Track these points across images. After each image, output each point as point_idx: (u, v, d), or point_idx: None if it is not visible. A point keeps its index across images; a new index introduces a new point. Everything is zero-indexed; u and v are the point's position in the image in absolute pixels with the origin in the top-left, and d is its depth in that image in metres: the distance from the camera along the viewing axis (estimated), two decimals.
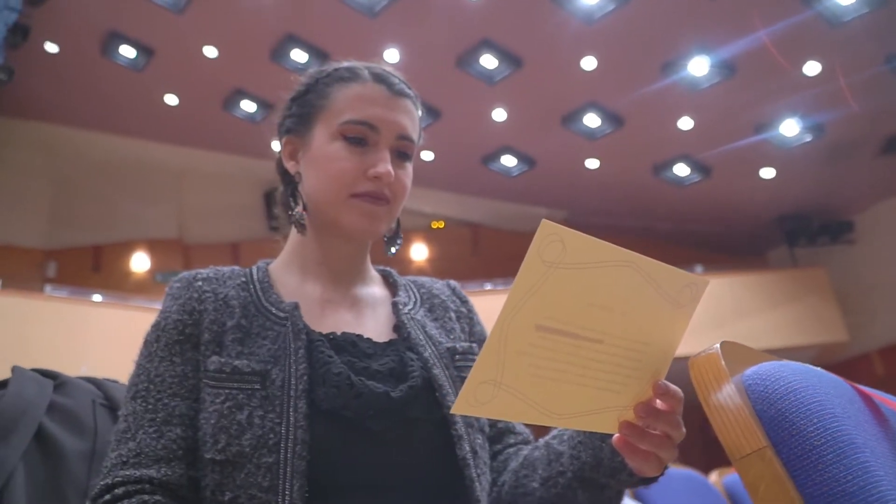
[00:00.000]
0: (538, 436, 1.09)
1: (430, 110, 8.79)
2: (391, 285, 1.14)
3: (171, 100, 9.50)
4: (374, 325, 1.04)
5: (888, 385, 2.73)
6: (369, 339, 1.00)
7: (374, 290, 1.11)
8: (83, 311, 8.31)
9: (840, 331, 10.22)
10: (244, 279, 1.03)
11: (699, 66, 8.25)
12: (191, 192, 11.09)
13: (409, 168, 1.05)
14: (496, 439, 1.06)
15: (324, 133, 1.02)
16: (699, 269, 9.54)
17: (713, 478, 2.67)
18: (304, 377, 0.90)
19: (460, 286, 1.19)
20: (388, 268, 1.18)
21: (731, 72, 8.26)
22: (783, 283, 10.44)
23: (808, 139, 9.30)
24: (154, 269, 10.72)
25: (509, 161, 10.62)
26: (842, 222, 10.98)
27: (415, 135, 1.05)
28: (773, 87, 8.35)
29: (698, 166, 10.22)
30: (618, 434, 0.77)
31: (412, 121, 1.04)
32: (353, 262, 1.08)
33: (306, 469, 0.84)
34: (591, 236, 0.64)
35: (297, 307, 0.97)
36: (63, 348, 7.51)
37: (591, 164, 10.44)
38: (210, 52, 8.55)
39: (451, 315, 1.11)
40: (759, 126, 9.16)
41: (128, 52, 8.57)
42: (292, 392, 0.88)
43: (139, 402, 0.92)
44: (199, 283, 1.00)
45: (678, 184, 10.60)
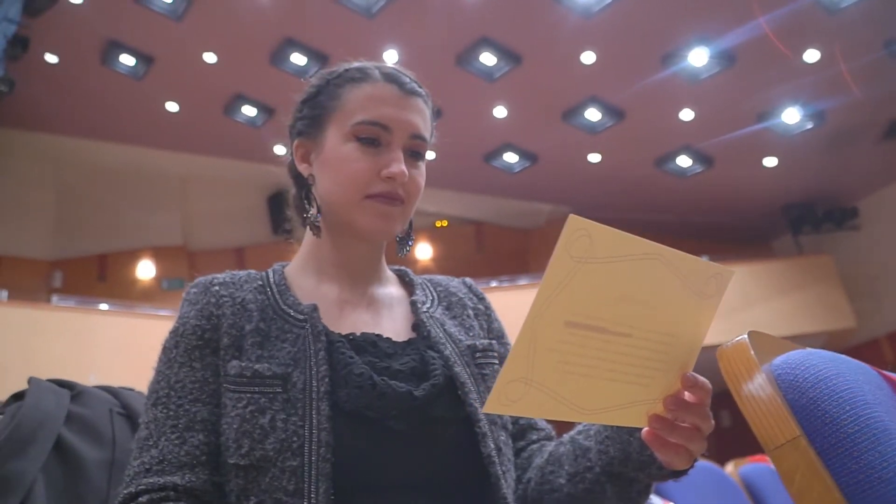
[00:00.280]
0: (560, 432, 1.08)
1: None
2: (407, 284, 1.14)
3: (171, 107, 9.52)
4: (393, 325, 1.04)
5: None
6: (389, 339, 0.99)
7: (391, 289, 1.10)
8: (90, 320, 8.34)
9: (848, 317, 10.20)
10: (261, 282, 1.03)
11: (699, 57, 8.23)
12: (194, 198, 11.11)
13: (423, 167, 1.04)
14: (518, 436, 1.06)
15: (336, 134, 1.01)
16: (704, 259, 9.53)
17: (729, 469, 2.66)
18: (326, 379, 0.89)
19: None
20: (404, 267, 1.18)
21: (730, 62, 8.24)
22: (789, 271, 10.42)
23: (809, 126, 9.28)
24: (160, 277, 10.74)
25: (511, 158, 10.61)
26: (846, 209, 10.95)
27: (427, 133, 1.04)
28: (773, 75, 8.33)
29: (700, 157, 10.20)
30: (647, 428, 0.76)
31: (424, 119, 1.04)
32: (369, 262, 1.08)
33: (331, 471, 0.84)
34: (617, 230, 0.64)
35: (315, 309, 0.97)
36: (71, 358, 7.53)
37: (593, 158, 10.43)
38: (209, 58, 8.56)
39: (469, 312, 1.11)
40: (760, 115, 9.14)
41: (127, 60, 8.59)
42: (314, 394, 0.88)
43: (160, 408, 0.91)
44: (216, 287, 0.99)
45: (681, 175, 10.58)
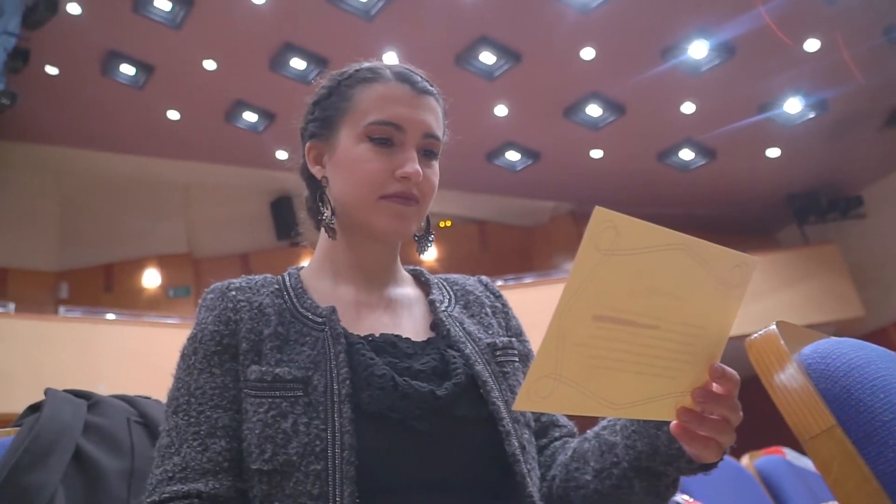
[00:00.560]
0: (582, 428, 1.08)
1: None
2: (423, 284, 1.13)
3: (173, 115, 9.52)
4: (411, 325, 1.04)
5: None
6: (408, 339, 0.99)
7: (407, 289, 1.10)
8: (97, 330, 8.34)
9: (856, 306, 10.17)
10: (277, 286, 1.02)
11: (698, 50, 8.21)
12: (198, 205, 11.12)
13: (436, 166, 1.04)
14: (541, 433, 1.05)
15: (349, 135, 1.00)
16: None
17: (745, 461, 2.65)
18: (347, 381, 0.89)
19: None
20: (419, 267, 1.17)
21: (730, 53, 8.22)
22: (795, 261, 10.39)
23: (811, 116, 9.25)
24: (165, 285, 10.75)
25: (513, 156, 10.60)
26: (850, 197, 10.91)
27: (440, 132, 1.04)
28: (773, 66, 8.31)
29: (703, 150, 10.18)
30: (675, 421, 0.75)
31: (437, 118, 1.03)
32: (385, 263, 1.08)
33: (355, 474, 0.83)
34: (643, 220, 0.63)
35: (334, 311, 0.97)
36: (80, 368, 7.53)
37: (596, 154, 10.42)
38: (209, 65, 8.56)
39: (487, 311, 1.10)
40: (761, 106, 9.12)
41: (128, 70, 8.60)
42: (336, 397, 0.87)
43: (181, 415, 0.91)
44: (233, 292, 0.99)
45: (683, 169, 10.56)
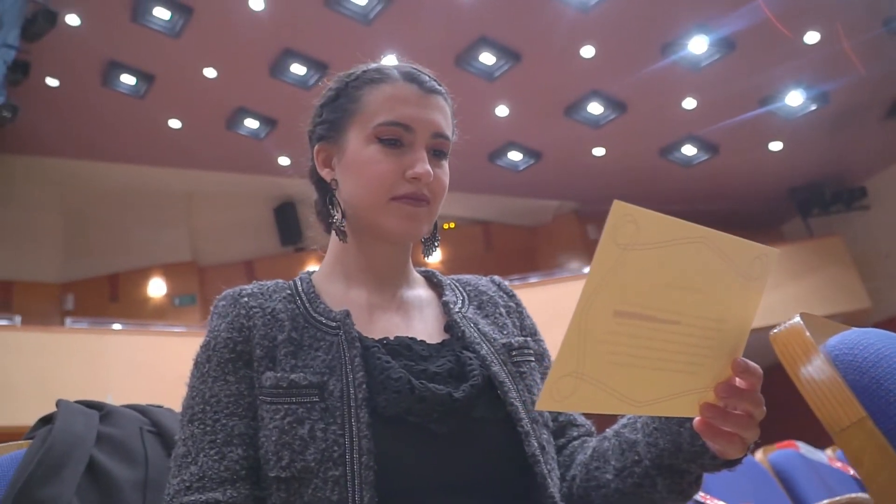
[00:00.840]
0: (599, 426, 1.06)
1: None
2: (435, 286, 1.12)
3: (174, 123, 9.54)
4: (425, 327, 1.03)
5: None
6: (423, 342, 0.98)
7: (420, 291, 1.09)
8: (104, 340, 8.35)
9: (862, 298, 10.14)
10: (289, 291, 1.01)
11: (698, 45, 8.20)
12: (201, 213, 11.13)
13: (446, 166, 1.03)
14: (559, 433, 1.04)
15: (358, 137, 1.00)
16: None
17: (759, 455, 2.64)
18: (363, 385, 0.88)
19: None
20: (431, 269, 1.16)
21: (730, 48, 8.21)
22: (800, 254, 10.36)
23: (813, 108, 9.24)
24: (171, 294, 10.77)
25: (515, 156, 10.60)
26: (854, 189, 10.90)
27: (449, 131, 1.03)
28: (774, 59, 8.30)
29: (705, 145, 10.16)
30: (698, 417, 0.74)
31: (445, 117, 1.02)
32: (397, 265, 1.07)
33: (374, 479, 0.83)
34: (661, 214, 0.62)
35: (348, 315, 0.96)
36: (87, 379, 7.54)
37: (598, 152, 10.41)
38: (209, 72, 8.57)
39: (501, 311, 1.09)
40: (763, 100, 9.10)
41: (128, 79, 8.62)
42: (352, 401, 0.87)
43: (196, 424, 0.90)
44: (245, 298, 0.98)
45: (686, 164, 10.54)
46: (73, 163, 10.19)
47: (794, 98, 9.06)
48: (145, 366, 7.74)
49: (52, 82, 8.52)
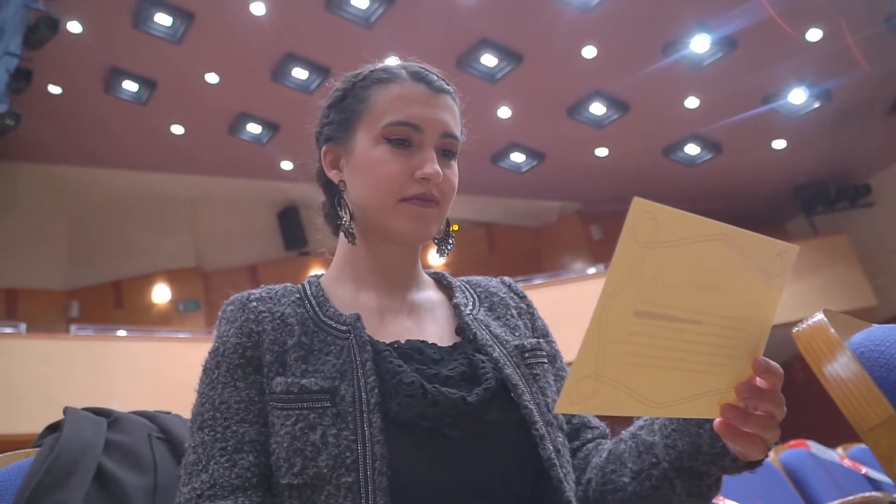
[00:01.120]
0: (613, 428, 1.05)
1: None
2: (445, 288, 1.11)
3: (177, 129, 9.55)
4: (436, 330, 1.01)
5: None
6: (434, 345, 0.96)
7: (430, 293, 1.07)
8: (109, 347, 8.35)
9: (868, 295, 10.11)
10: (298, 295, 1.00)
11: (700, 44, 8.18)
12: (205, 219, 11.14)
13: (455, 166, 1.01)
14: (573, 435, 1.02)
15: (366, 138, 0.98)
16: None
17: (770, 455, 2.62)
18: (375, 390, 0.86)
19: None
20: (440, 270, 1.15)
21: (732, 46, 8.19)
22: (805, 252, 10.26)
23: (816, 106, 9.22)
24: (175, 300, 10.77)
25: (518, 157, 10.59)
26: (858, 186, 10.87)
27: (458, 131, 1.01)
28: (776, 57, 8.28)
29: (708, 144, 10.14)
30: (719, 418, 0.73)
31: (454, 117, 1.01)
32: (406, 267, 1.05)
33: (388, 485, 0.81)
34: (681, 210, 0.61)
35: (359, 318, 0.94)
36: (92, 386, 7.54)
37: (601, 152, 10.39)
38: (211, 78, 8.58)
39: (513, 312, 1.08)
40: (765, 98, 9.08)
41: (130, 86, 8.63)
42: (364, 406, 0.85)
43: (207, 431, 0.88)
44: (254, 303, 0.96)
45: (690, 163, 10.52)
46: (76, 170, 10.20)
47: (797, 96, 9.04)
48: (150, 372, 7.74)
49: (54, 90, 8.54)
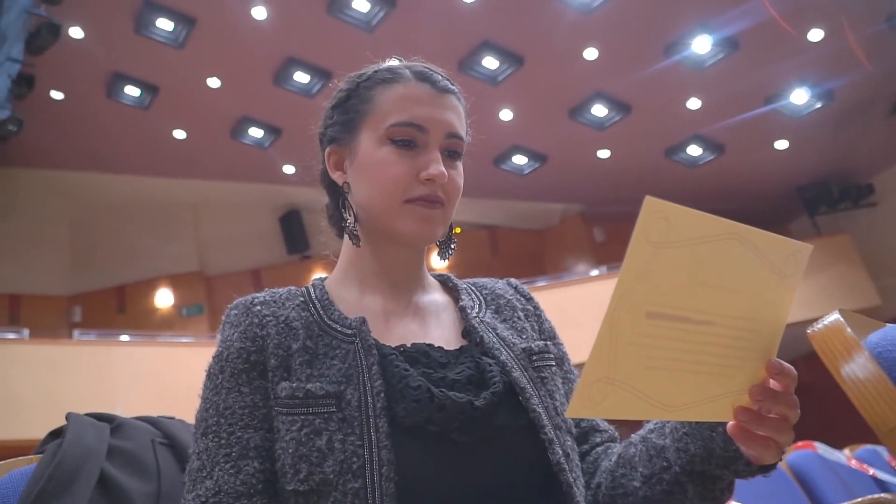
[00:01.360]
0: (621, 431, 1.04)
1: None
2: (451, 290, 1.09)
3: (179, 134, 9.55)
4: (442, 333, 1.00)
5: None
6: (441, 348, 0.95)
7: (435, 296, 1.06)
8: (112, 352, 8.34)
9: (872, 295, 10.09)
10: (302, 299, 0.99)
11: (702, 45, 8.17)
12: (207, 223, 11.14)
13: (460, 167, 1.00)
14: (581, 439, 1.01)
15: (370, 139, 0.97)
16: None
17: None
18: (381, 394, 0.85)
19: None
20: (446, 273, 1.13)
21: (734, 47, 8.18)
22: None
23: (818, 106, 9.21)
24: (178, 304, 10.77)
25: (520, 160, 10.58)
26: (861, 186, 10.86)
27: (463, 131, 1.00)
28: (778, 57, 8.27)
29: (711, 145, 10.14)
30: (732, 421, 0.71)
31: (459, 117, 1.00)
32: (412, 269, 1.04)
33: (395, 491, 0.80)
34: (693, 210, 0.59)
35: (364, 322, 0.93)
36: (96, 391, 7.53)
37: (603, 154, 10.39)
38: (213, 82, 8.58)
39: (520, 314, 1.06)
40: (767, 98, 9.08)
41: (132, 91, 8.64)
42: (370, 411, 0.84)
43: (211, 437, 0.87)
44: (258, 307, 0.95)
45: (692, 164, 10.51)
46: (78, 175, 10.21)
47: (799, 96, 9.03)
48: (153, 377, 7.73)
49: (56, 95, 8.54)
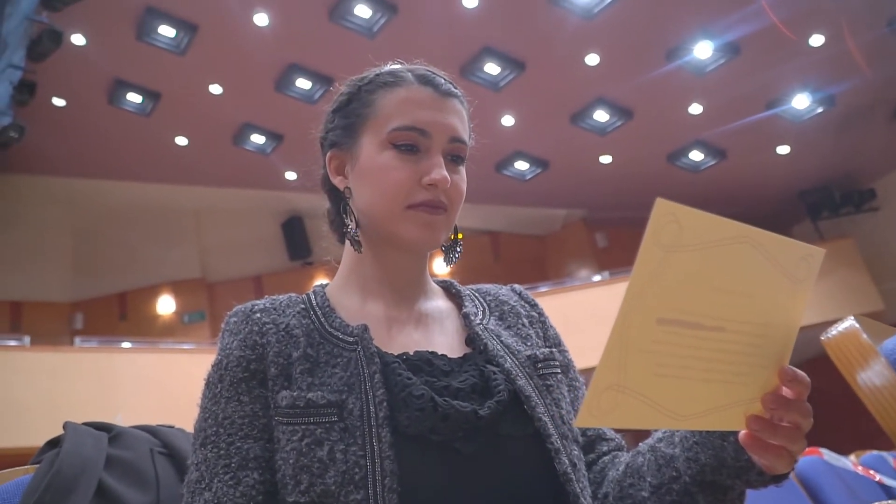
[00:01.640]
0: (627, 440, 1.02)
1: None
2: (454, 296, 1.08)
3: (181, 141, 9.56)
4: (445, 340, 0.98)
5: None
6: (444, 356, 0.93)
7: (438, 303, 1.04)
8: (114, 359, 8.33)
9: (875, 300, 10.07)
10: (303, 306, 0.97)
11: (703, 50, 8.17)
12: (209, 230, 11.14)
13: (463, 172, 0.99)
14: (588, 448, 0.99)
15: (372, 143, 0.95)
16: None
17: None
18: (384, 403, 0.83)
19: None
20: (449, 279, 1.12)
21: (735, 52, 8.18)
22: None
23: (819, 111, 9.20)
24: (180, 311, 10.75)
25: (522, 165, 10.59)
26: (863, 190, 10.87)
27: (466, 135, 0.99)
28: (779, 62, 8.27)
29: (713, 150, 10.13)
30: (744, 430, 0.70)
31: (462, 121, 0.98)
32: (414, 275, 1.02)
33: (398, 502, 0.78)
34: (705, 212, 0.58)
35: (366, 329, 0.91)
36: (97, 399, 7.52)
37: (605, 159, 10.38)
38: (215, 89, 8.59)
39: (524, 321, 1.04)
40: (769, 103, 9.08)
41: (134, 98, 8.65)
42: (373, 420, 0.82)
43: (210, 448, 0.85)
44: (258, 314, 0.93)
45: (694, 170, 10.51)
46: (80, 182, 10.22)
47: (801, 101, 9.03)
48: (155, 384, 7.72)
49: (58, 102, 8.55)
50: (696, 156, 10.25)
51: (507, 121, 9.46)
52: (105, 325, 10.17)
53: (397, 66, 1.01)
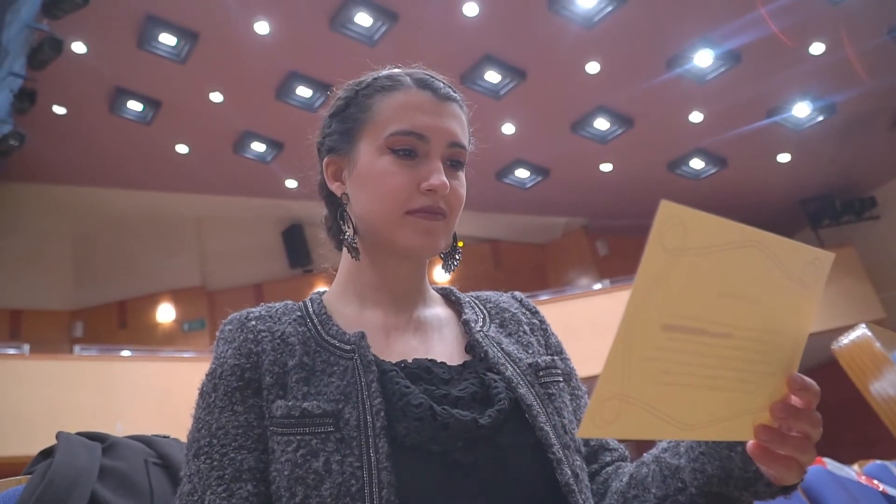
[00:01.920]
0: (630, 450, 1.00)
1: None
2: (453, 304, 1.06)
3: (181, 149, 9.57)
4: (444, 348, 0.96)
5: None
6: (443, 364, 0.91)
7: (437, 310, 1.02)
8: (113, 367, 8.31)
9: (876, 308, 10.04)
10: (299, 313, 0.95)
11: (704, 58, 8.17)
12: (210, 238, 11.13)
13: (463, 177, 0.97)
14: (591, 458, 0.97)
15: (370, 148, 0.94)
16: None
17: None
18: (381, 413, 0.81)
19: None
20: (448, 286, 1.10)
21: (736, 60, 8.18)
22: None
23: (820, 119, 9.21)
24: (180, 319, 10.73)
25: (523, 173, 10.59)
26: (864, 199, 10.87)
27: (465, 140, 0.97)
28: (779, 71, 8.27)
29: (713, 158, 10.13)
30: (752, 440, 0.68)
31: (461, 126, 0.96)
32: (413, 282, 1.00)
33: None
34: (711, 214, 0.56)
35: (363, 337, 0.89)
36: (97, 407, 7.49)
37: (605, 167, 10.38)
38: (216, 97, 8.60)
39: (525, 328, 1.02)
40: (769, 111, 9.08)
41: (135, 106, 8.66)
42: (370, 431, 0.80)
43: (203, 459, 0.83)
44: (253, 322, 0.91)
45: (695, 178, 10.51)
46: (80, 190, 10.22)
47: (801, 109, 9.03)
48: (155, 392, 7.69)
49: (58, 110, 8.56)
50: (697, 164, 10.25)
51: (508, 129, 9.46)
52: (105, 333, 10.15)
53: (395, 70, 0.99)
